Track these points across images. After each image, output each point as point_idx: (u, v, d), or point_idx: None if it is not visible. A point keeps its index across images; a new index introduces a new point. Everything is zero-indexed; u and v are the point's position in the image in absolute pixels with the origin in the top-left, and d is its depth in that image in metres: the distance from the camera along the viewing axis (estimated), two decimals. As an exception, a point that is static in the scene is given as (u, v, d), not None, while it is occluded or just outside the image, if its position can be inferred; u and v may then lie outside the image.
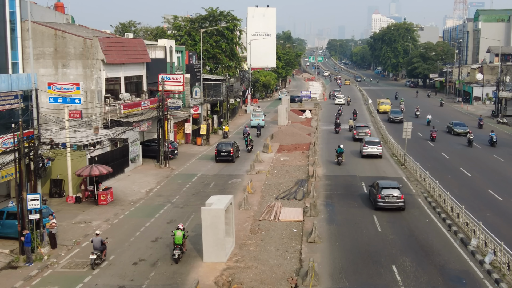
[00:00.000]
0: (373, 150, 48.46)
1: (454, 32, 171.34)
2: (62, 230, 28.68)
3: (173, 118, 51.65)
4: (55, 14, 52.35)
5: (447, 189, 34.22)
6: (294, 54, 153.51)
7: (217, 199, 26.06)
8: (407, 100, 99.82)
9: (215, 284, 22.55)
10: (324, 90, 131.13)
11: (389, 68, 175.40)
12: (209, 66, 77.40)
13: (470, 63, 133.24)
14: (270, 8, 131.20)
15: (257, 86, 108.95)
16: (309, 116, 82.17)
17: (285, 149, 54.98)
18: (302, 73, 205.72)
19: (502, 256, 23.59)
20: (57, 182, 35.63)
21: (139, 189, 37.99)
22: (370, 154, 48.41)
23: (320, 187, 38.42)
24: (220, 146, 48.30)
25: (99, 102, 43.13)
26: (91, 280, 23.05)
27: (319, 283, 22.43)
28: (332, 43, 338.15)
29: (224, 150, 47.78)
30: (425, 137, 60.30)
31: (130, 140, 42.91)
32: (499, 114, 79.27)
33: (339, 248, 26.70)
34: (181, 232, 24.97)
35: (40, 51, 43.57)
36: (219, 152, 47.77)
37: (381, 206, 32.54)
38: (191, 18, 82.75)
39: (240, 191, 37.38)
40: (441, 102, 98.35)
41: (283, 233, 29.05)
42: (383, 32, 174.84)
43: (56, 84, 36.59)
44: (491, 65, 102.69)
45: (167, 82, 47.96)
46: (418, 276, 23.21)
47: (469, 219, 28.45)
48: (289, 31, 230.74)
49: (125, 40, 50.34)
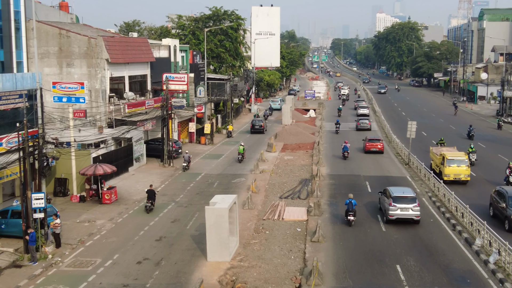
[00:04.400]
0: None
1: (458, 31, 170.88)
2: (67, 229, 28.74)
3: (177, 117, 51.69)
4: (60, 14, 52.48)
5: (452, 188, 34.11)
6: (298, 53, 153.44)
7: (221, 198, 26.08)
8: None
9: (219, 283, 22.56)
10: (328, 89, 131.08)
11: (393, 68, 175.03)
12: (213, 65, 77.42)
13: (475, 62, 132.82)
14: (274, 7, 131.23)
15: (261, 85, 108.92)
16: (313, 115, 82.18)
17: (289, 148, 54.96)
18: (306, 72, 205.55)
19: (507, 256, 23.51)
20: (61, 181, 35.71)
21: (143, 188, 37.92)
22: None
23: (324, 187, 38.38)
24: (254, 122, 66.42)
25: (103, 101, 43.19)
26: (95, 279, 23.09)
27: (323, 282, 22.41)
28: (336, 42, 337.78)
29: (257, 124, 65.68)
30: (429, 137, 60.15)
31: (134, 139, 42.95)
32: (504, 114, 79.02)
33: (343, 248, 26.67)
34: (242, 146, 46.87)
35: (44, 50, 43.66)
36: (253, 126, 65.72)
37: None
38: (195, 17, 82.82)
39: (244, 190, 37.39)
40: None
41: (287, 232, 29.04)
42: (388, 31, 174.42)
43: (61, 83, 36.65)
44: (495, 64, 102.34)
45: (171, 82, 48.01)
46: (422, 276, 23.16)
47: (473, 219, 28.35)
48: (293, 30, 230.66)
49: (129, 40, 50.39)
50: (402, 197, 29.98)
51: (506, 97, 79.94)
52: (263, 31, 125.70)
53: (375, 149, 50.97)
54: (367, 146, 51.39)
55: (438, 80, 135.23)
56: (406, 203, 29.71)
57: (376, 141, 51.99)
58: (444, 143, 49.73)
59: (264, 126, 65.95)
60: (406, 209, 29.62)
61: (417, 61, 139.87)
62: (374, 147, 51.11)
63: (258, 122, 66.05)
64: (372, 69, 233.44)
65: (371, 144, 51.33)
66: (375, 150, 50.94)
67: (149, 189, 33.19)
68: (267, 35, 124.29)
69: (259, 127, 65.37)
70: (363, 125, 66.56)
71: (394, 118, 76.31)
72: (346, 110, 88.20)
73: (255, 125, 65.73)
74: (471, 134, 58.96)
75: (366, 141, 52.20)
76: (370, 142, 51.62)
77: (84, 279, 23.09)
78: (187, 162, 43.92)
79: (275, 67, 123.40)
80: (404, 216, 29.72)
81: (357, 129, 66.56)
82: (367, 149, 51.23)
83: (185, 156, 44.39)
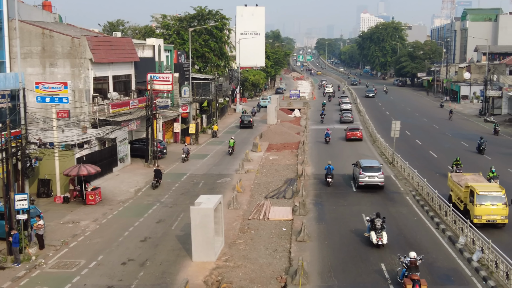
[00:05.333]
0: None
1: (442, 31, 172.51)
2: (50, 230, 28.50)
3: (161, 117, 51.50)
4: (43, 13, 52.02)
5: (435, 187, 34.39)
6: (283, 53, 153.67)
7: (206, 198, 26.03)
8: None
9: (205, 283, 22.52)
10: (313, 89, 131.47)
11: (377, 67, 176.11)
12: (198, 65, 77.26)
13: (458, 62, 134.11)
14: (259, 7, 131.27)
15: (246, 85, 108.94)
16: (298, 115, 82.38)
17: (274, 148, 55.03)
18: (291, 72, 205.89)
19: (490, 254, 23.76)
20: (45, 182, 35.39)
21: (128, 189, 37.84)
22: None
23: (309, 186, 38.48)
24: (243, 117, 71.22)
25: (87, 101, 42.89)
26: (79, 280, 22.92)
27: (308, 281, 22.47)
28: (321, 42, 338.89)
29: (246, 120, 70.40)
30: (413, 136, 60.61)
31: (118, 139, 42.71)
32: (487, 113, 79.89)
33: (328, 247, 26.76)
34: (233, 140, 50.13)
35: (27, 50, 43.24)
36: (242, 121, 70.24)
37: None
38: (180, 17, 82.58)
39: (229, 190, 37.37)
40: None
41: (273, 232, 29.07)
42: (372, 31, 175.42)
43: (44, 83, 36.32)
44: (478, 64, 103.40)
45: (156, 81, 47.78)
46: (406, 274, 23.27)
47: (457, 217, 28.62)
48: (278, 30, 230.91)
49: (113, 39, 50.09)
50: (370, 167, 37.08)
51: (488, 96, 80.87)
52: (248, 31, 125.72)
53: (355, 137, 58.64)
54: (348, 134, 59.04)
55: (422, 80, 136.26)
56: (373, 172, 36.62)
57: (356, 130, 59.82)
58: (460, 164, 40.66)
59: (253, 121, 71.06)
60: (373, 176, 36.50)
61: (401, 61, 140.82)
62: (354, 135, 58.80)
63: (247, 118, 70.96)
64: (357, 68, 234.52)
65: (351, 133, 59.03)
66: (355, 138, 58.55)
67: (156, 169, 39.23)
68: (252, 35, 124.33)
69: (248, 122, 70.14)
70: (346, 118, 73.66)
71: (378, 118, 76.79)
72: (331, 105, 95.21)
73: (244, 120, 70.40)
74: (482, 147, 49.63)
75: (347, 130, 59.74)
76: (351, 131, 59.31)
77: (68, 280, 22.90)
78: (186, 154, 47.49)
79: (260, 67, 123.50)
80: (371, 182, 36.58)
81: (341, 121, 73.25)
82: (348, 137, 58.85)
83: (184, 148, 48.10)
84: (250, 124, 70.10)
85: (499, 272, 22.61)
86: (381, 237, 26.21)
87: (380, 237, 26.21)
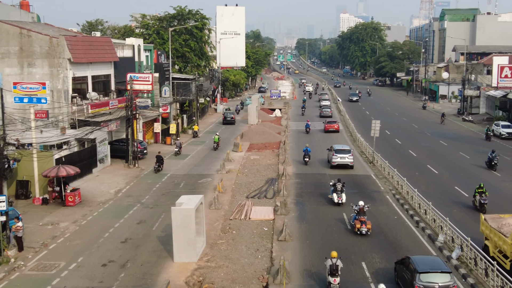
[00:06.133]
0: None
1: (420, 31, 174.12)
2: (29, 232, 28.16)
3: (142, 118, 51.18)
4: (20, 13, 51.39)
5: (415, 186, 34.70)
6: (264, 53, 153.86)
7: (188, 199, 25.94)
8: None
9: (186, 284, 22.44)
10: (293, 89, 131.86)
11: (357, 67, 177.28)
12: (178, 65, 76.92)
13: (436, 62, 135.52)
14: (239, 7, 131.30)
15: (226, 85, 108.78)
16: (279, 115, 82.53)
17: (255, 148, 55.05)
18: (272, 72, 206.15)
19: (469, 252, 24.03)
20: (23, 183, 34.94)
21: (108, 190, 37.55)
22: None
23: (290, 186, 38.57)
24: (226, 114, 73.99)
25: (66, 101, 42.46)
26: (59, 283, 22.68)
27: (290, 281, 22.52)
28: (301, 42, 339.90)
29: (229, 116, 72.98)
30: (392, 135, 61.05)
31: (98, 140, 42.37)
32: (465, 112, 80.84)
33: (309, 246, 26.85)
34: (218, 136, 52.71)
35: (5, 50, 42.66)
36: (225, 118, 72.98)
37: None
38: (160, 16, 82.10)
39: (210, 190, 37.29)
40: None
41: (254, 232, 29.08)
42: (351, 32, 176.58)
43: (22, 84, 35.88)
44: (456, 64, 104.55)
45: (136, 81, 47.45)
46: (386, 272, 23.47)
47: (436, 216, 28.93)
48: (259, 30, 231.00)
49: (92, 39, 49.67)
50: (341, 149, 43.96)
51: (467, 96, 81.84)
52: (228, 30, 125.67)
53: (333, 129, 64.48)
54: (326, 126, 65.06)
55: (401, 80, 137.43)
56: (344, 153, 43.26)
57: (333, 122, 66.19)
58: (485, 193, 31.83)
59: (235, 118, 73.92)
60: (344, 157, 43.00)
61: (380, 60, 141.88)
62: (332, 127, 64.69)
63: (229, 114, 73.79)
64: (337, 68, 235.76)
65: (329, 125, 65.09)
66: (332, 130, 64.37)
67: (158, 155, 43.34)
68: (232, 35, 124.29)
69: (231, 119, 72.82)
70: (325, 113, 79.04)
71: (358, 117, 77.27)
72: (311, 102, 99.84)
73: (226, 117, 73.36)
74: (494, 162, 43.23)
75: (325, 123, 65.97)
76: (329, 123, 65.47)
77: (48, 282, 22.66)
78: (178, 148, 50.42)
79: (240, 66, 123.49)
80: (342, 162, 43.03)
81: (320, 116, 78.56)
82: (326, 129, 64.76)
83: (177, 142, 51.51)
84: (233, 121, 72.50)
85: (478, 270, 22.88)
86: (341, 197, 32.94)
87: (340, 197, 32.95)
